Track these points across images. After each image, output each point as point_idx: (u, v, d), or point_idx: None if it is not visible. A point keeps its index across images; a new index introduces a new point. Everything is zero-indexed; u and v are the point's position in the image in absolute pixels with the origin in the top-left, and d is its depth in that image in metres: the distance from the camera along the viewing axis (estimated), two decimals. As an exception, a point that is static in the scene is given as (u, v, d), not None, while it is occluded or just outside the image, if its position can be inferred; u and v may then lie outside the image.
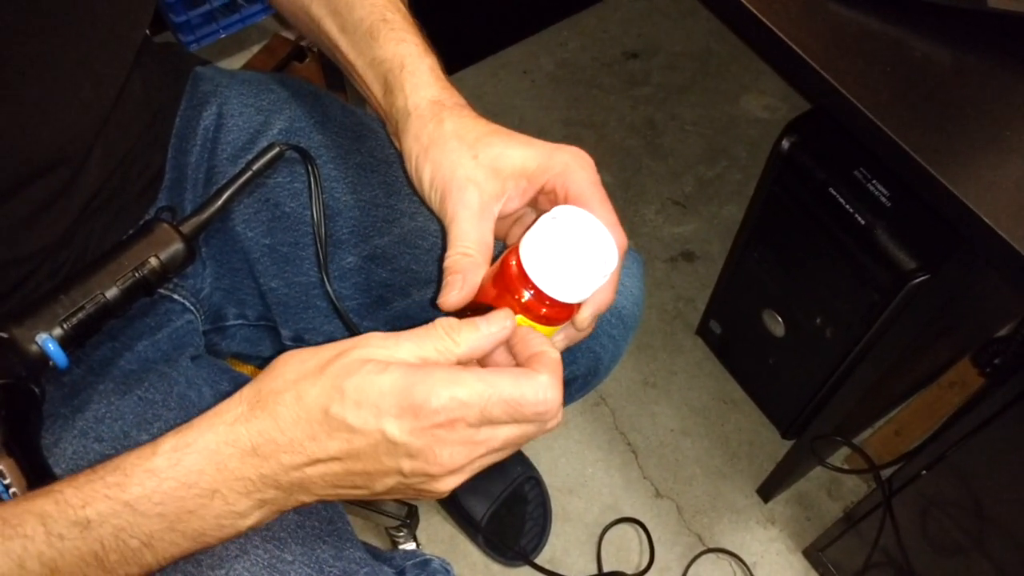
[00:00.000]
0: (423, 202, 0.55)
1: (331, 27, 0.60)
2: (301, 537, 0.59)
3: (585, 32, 1.87)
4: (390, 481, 0.45)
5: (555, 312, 0.48)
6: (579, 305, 0.50)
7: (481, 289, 0.50)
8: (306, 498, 0.46)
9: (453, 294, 0.49)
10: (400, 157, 0.57)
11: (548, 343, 0.47)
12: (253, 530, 0.47)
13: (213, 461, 0.44)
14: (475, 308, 0.50)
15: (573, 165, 0.50)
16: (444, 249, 0.51)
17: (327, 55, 0.63)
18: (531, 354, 0.46)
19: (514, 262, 0.47)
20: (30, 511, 0.43)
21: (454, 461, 0.43)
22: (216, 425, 0.44)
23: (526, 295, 0.47)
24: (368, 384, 0.42)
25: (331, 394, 0.42)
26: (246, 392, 0.45)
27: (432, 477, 0.44)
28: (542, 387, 0.43)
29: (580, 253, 0.46)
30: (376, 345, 0.44)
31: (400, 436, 0.42)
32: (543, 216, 0.47)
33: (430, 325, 0.46)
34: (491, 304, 0.49)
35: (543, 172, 0.51)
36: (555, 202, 0.51)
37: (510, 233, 0.57)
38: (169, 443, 0.44)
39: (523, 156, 0.51)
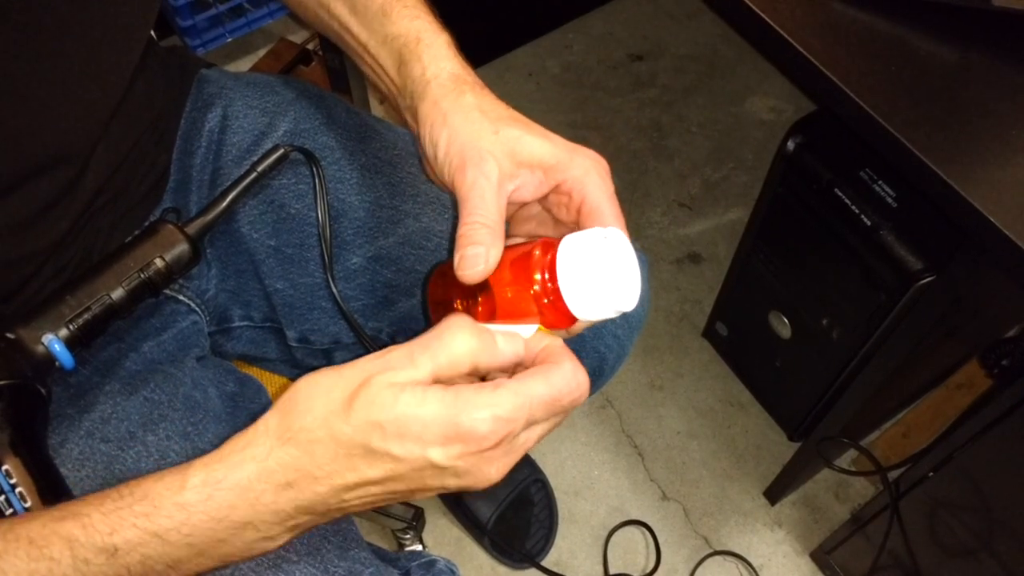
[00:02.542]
0: (431, 172, 0.53)
1: (341, 10, 0.59)
2: (306, 537, 0.59)
3: (590, 35, 1.87)
4: (429, 493, 0.45)
5: (561, 318, 0.48)
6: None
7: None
8: (339, 515, 0.46)
9: (477, 269, 0.47)
10: (400, 129, 0.56)
11: (544, 339, 0.47)
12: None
13: (246, 497, 0.43)
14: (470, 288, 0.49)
15: (593, 173, 0.50)
16: (456, 219, 0.49)
17: (334, 41, 0.62)
18: (536, 354, 0.46)
19: (537, 253, 0.47)
20: (57, 533, 0.43)
21: (500, 473, 0.43)
22: (246, 462, 0.43)
23: (536, 287, 0.46)
24: (409, 419, 0.41)
25: (369, 431, 0.42)
26: (271, 425, 0.44)
27: (475, 488, 0.44)
28: (570, 375, 0.43)
29: (613, 281, 0.45)
30: (397, 367, 0.43)
31: (447, 462, 0.42)
32: (595, 228, 0.47)
33: (446, 327, 0.44)
34: (495, 287, 0.48)
35: (562, 170, 0.50)
36: (568, 204, 0.51)
37: (517, 227, 0.56)
38: (199, 477, 0.44)
39: (542, 148, 0.50)
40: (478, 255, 0.47)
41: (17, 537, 0.43)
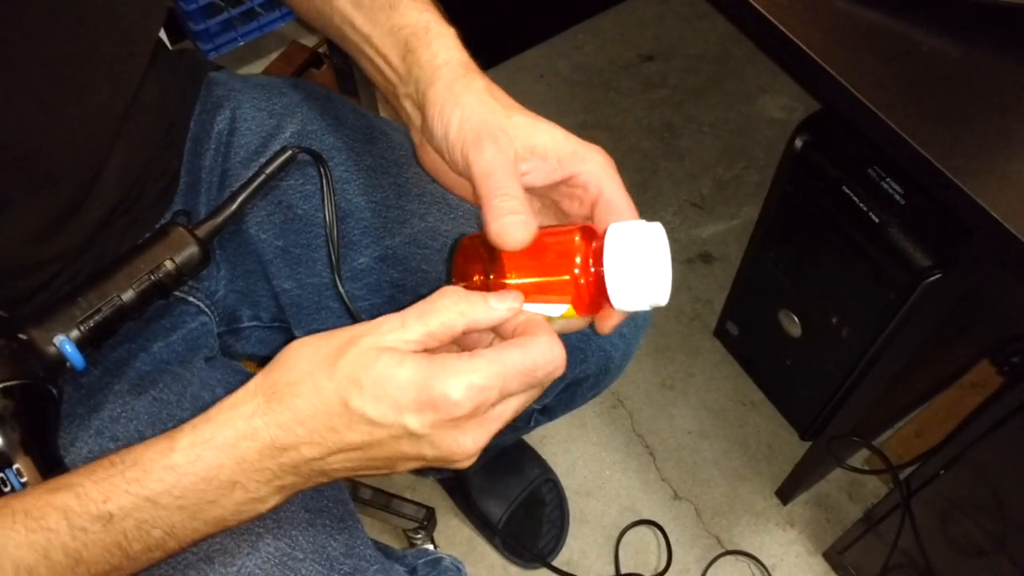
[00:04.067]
0: (431, 155, 0.53)
1: (344, 4, 0.59)
2: (312, 534, 0.59)
3: (601, 35, 1.88)
4: (411, 464, 0.46)
5: (592, 306, 0.47)
6: (605, 309, 0.49)
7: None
8: (325, 479, 0.47)
9: (520, 236, 0.46)
10: (396, 116, 0.54)
11: (523, 313, 0.47)
12: (271, 511, 0.48)
13: (232, 456, 0.44)
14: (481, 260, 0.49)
15: (609, 169, 0.50)
16: (479, 197, 0.48)
17: (331, 36, 0.61)
18: (515, 326, 0.46)
19: (578, 238, 0.47)
20: (51, 505, 0.44)
21: (476, 444, 0.44)
22: (234, 419, 0.44)
23: (577, 271, 0.46)
24: (385, 378, 0.42)
25: (349, 387, 0.43)
26: (259, 383, 0.45)
27: (454, 461, 0.45)
28: (547, 347, 0.44)
29: (656, 274, 0.46)
30: (387, 330, 0.44)
31: (422, 429, 0.43)
32: (638, 220, 0.47)
33: (438, 296, 0.45)
34: (519, 265, 0.48)
35: (579, 162, 0.50)
36: (583, 197, 0.51)
37: None
38: (186, 438, 0.45)
39: (556, 137, 0.50)
40: (520, 222, 0.46)
41: (13, 511, 0.44)
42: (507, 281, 0.48)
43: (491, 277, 0.49)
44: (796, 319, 1.17)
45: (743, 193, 1.63)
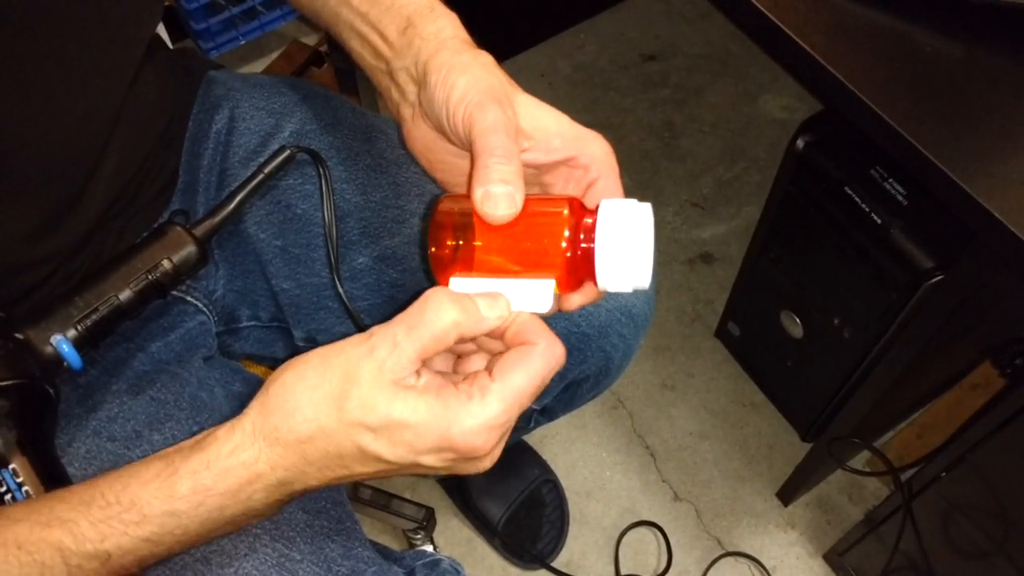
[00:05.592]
0: (436, 121, 0.50)
1: None
2: (310, 536, 0.59)
3: (602, 35, 1.87)
4: (420, 474, 0.46)
5: (573, 282, 0.46)
6: (584, 287, 0.48)
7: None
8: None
9: (506, 212, 0.44)
10: (383, 93, 0.54)
11: (515, 315, 0.45)
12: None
13: (236, 499, 0.44)
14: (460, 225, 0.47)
15: (611, 157, 0.49)
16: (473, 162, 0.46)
17: (325, 20, 0.59)
18: (507, 331, 0.45)
19: (566, 211, 0.45)
20: (45, 540, 0.44)
21: (494, 462, 0.44)
22: (235, 468, 0.43)
23: (564, 244, 0.44)
24: (400, 425, 0.41)
25: (362, 433, 0.42)
26: (257, 425, 0.44)
27: (469, 475, 0.45)
28: (548, 354, 0.43)
29: (644, 255, 0.45)
30: (382, 356, 0.42)
31: (440, 464, 0.43)
32: (630, 200, 0.46)
33: (426, 302, 0.43)
34: (502, 235, 0.46)
35: (584, 143, 0.49)
36: (580, 179, 0.50)
37: None
38: (186, 484, 0.44)
39: (558, 119, 0.49)
40: (508, 195, 0.44)
41: (4, 542, 0.43)
42: (491, 256, 0.46)
43: (475, 243, 0.47)
44: (797, 320, 1.17)
45: (744, 193, 1.63)
